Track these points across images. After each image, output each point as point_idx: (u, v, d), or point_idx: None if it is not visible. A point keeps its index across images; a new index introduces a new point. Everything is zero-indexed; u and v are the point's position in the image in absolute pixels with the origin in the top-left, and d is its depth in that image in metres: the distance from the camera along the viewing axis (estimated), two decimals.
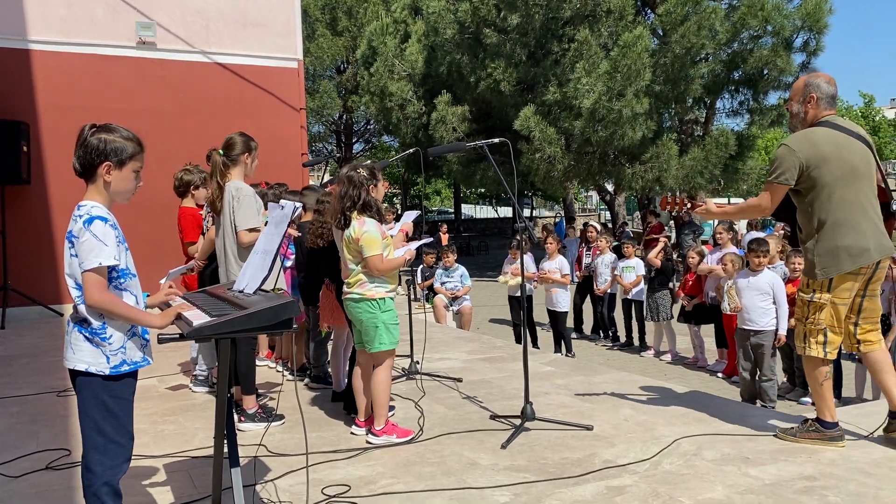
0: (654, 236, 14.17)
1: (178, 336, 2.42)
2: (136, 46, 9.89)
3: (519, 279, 8.95)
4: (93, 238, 2.37)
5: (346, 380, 4.74)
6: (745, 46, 15.92)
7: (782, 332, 6.38)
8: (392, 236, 4.25)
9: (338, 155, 29.04)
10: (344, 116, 29.78)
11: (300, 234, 5.14)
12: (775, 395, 6.43)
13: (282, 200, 3.43)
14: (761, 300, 6.36)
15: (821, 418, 3.82)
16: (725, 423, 4.26)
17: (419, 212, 4.90)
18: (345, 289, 4.11)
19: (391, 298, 4.08)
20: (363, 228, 3.96)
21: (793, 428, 3.92)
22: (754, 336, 6.39)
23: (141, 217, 8.49)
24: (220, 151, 4.38)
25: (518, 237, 4.84)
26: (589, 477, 3.45)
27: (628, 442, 3.96)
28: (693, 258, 8.60)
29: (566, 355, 8.64)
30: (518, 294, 8.80)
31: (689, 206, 4.13)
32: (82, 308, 2.42)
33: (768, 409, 5.88)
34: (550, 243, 9.19)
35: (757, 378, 6.40)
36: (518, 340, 8.72)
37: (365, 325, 4.01)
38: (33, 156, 9.23)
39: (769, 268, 7.26)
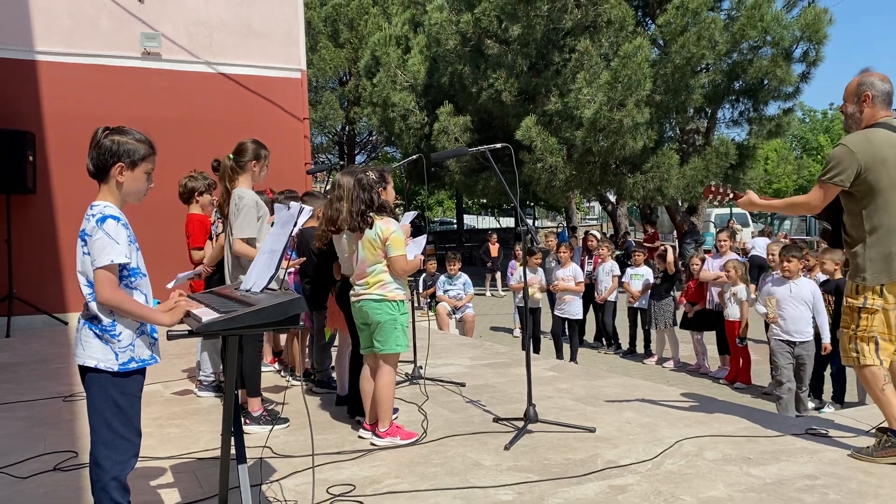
0: (649, 245, 14.28)
1: (186, 333, 2.47)
2: (140, 57, 9.99)
3: (534, 289, 8.93)
4: (105, 236, 2.42)
5: (347, 384, 4.77)
6: (745, 57, 15.99)
7: (828, 341, 6.13)
8: None
9: (341, 164, 29.14)
10: (346, 128, 29.90)
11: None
12: (808, 405, 6.25)
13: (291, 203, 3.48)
14: (805, 310, 6.06)
15: (892, 429, 3.58)
16: (727, 425, 4.28)
17: (416, 212, 4.95)
18: (359, 290, 4.11)
19: (406, 302, 4.14)
20: (391, 228, 4.01)
21: (868, 447, 3.66)
22: (799, 346, 6.07)
23: (144, 224, 8.50)
24: (231, 156, 4.44)
25: (523, 242, 4.89)
26: (591, 476, 3.48)
27: (630, 443, 3.99)
28: (696, 265, 8.64)
29: (570, 362, 8.65)
30: (530, 305, 8.79)
31: (731, 196, 4.01)
32: (93, 305, 2.47)
33: (803, 416, 5.81)
34: (564, 251, 9.20)
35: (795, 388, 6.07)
36: (524, 348, 8.65)
37: (384, 325, 4.02)
38: (39, 165, 9.31)
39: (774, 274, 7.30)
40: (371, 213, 4.05)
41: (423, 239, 4.75)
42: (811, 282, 6.29)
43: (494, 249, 18.50)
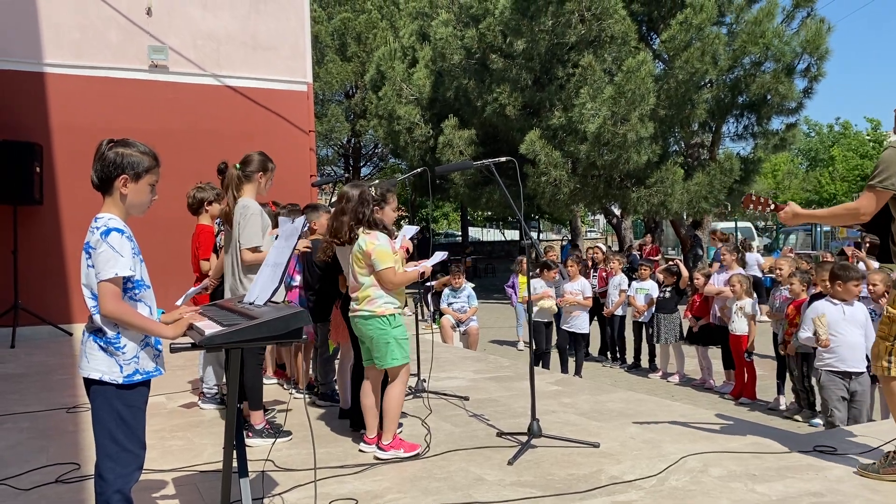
0: (653, 258, 14.25)
1: (189, 345, 2.47)
2: (148, 69, 10.06)
3: (551, 302, 8.88)
4: (109, 249, 2.43)
5: (350, 397, 4.76)
6: (748, 72, 16.05)
7: None
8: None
9: (346, 176, 29.26)
10: (352, 140, 30.03)
11: (310, 249, 5.17)
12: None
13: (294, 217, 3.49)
14: (860, 336, 5.32)
15: None
16: (732, 442, 4.25)
17: (418, 227, 4.93)
18: (353, 305, 4.14)
19: (400, 314, 4.12)
20: (375, 242, 4.01)
21: (874, 464, 3.57)
22: (854, 380, 5.31)
23: (149, 235, 8.53)
24: (238, 166, 4.47)
25: (526, 255, 4.87)
26: (595, 492, 3.46)
27: (635, 459, 3.97)
28: (699, 279, 8.61)
29: (575, 376, 8.61)
30: (545, 319, 8.76)
31: (772, 207, 3.87)
32: (97, 318, 2.47)
33: (781, 430, 5.67)
34: (572, 265, 9.21)
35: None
36: (537, 363, 8.53)
37: (376, 341, 4.04)
38: (46, 176, 9.36)
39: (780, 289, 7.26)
40: (359, 228, 4.07)
41: (440, 255, 4.73)
42: (862, 305, 5.65)
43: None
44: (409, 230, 4.69)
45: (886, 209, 3.52)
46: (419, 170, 6.31)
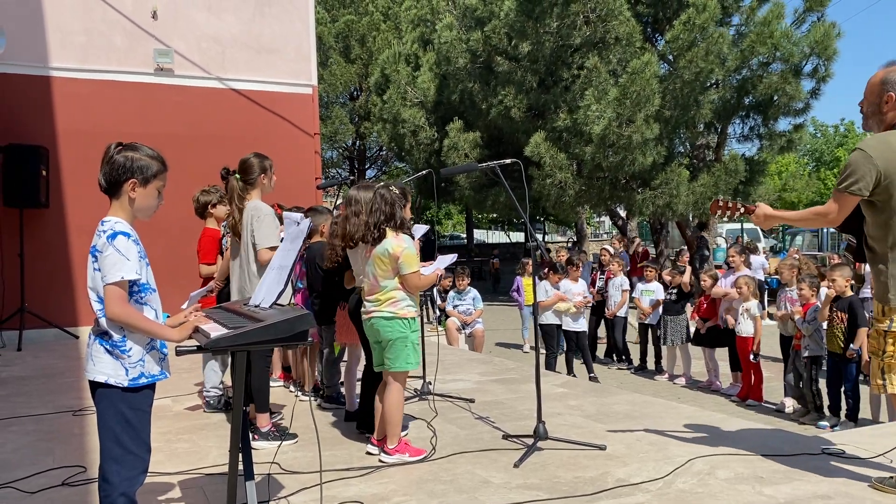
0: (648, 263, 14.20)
1: (195, 348, 2.47)
2: (153, 73, 10.08)
3: (570, 304, 8.92)
4: (116, 252, 2.43)
5: (357, 399, 4.75)
6: (755, 73, 15.99)
7: None
8: None
9: (351, 178, 29.35)
10: (357, 143, 30.09)
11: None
12: None
13: (288, 216, 3.48)
14: None
15: None
16: (739, 444, 4.23)
17: (428, 227, 4.92)
18: (370, 306, 4.09)
19: (416, 319, 4.12)
20: (403, 245, 3.97)
21: (892, 478, 3.38)
22: None
23: (155, 240, 8.57)
24: (237, 176, 4.45)
25: (533, 258, 4.86)
26: (602, 495, 3.44)
27: (641, 461, 3.95)
28: (706, 281, 8.59)
29: (589, 376, 8.61)
30: (558, 321, 8.83)
31: (742, 210, 3.78)
32: (103, 321, 2.47)
33: (789, 432, 5.64)
34: (573, 266, 9.26)
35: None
36: (548, 367, 8.59)
37: (395, 343, 4.00)
38: (52, 180, 9.38)
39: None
40: (385, 227, 4.04)
41: (450, 257, 4.73)
42: None
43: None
44: (417, 230, 4.69)
45: (859, 210, 3.39)
46: (424, 172, 6.31)
